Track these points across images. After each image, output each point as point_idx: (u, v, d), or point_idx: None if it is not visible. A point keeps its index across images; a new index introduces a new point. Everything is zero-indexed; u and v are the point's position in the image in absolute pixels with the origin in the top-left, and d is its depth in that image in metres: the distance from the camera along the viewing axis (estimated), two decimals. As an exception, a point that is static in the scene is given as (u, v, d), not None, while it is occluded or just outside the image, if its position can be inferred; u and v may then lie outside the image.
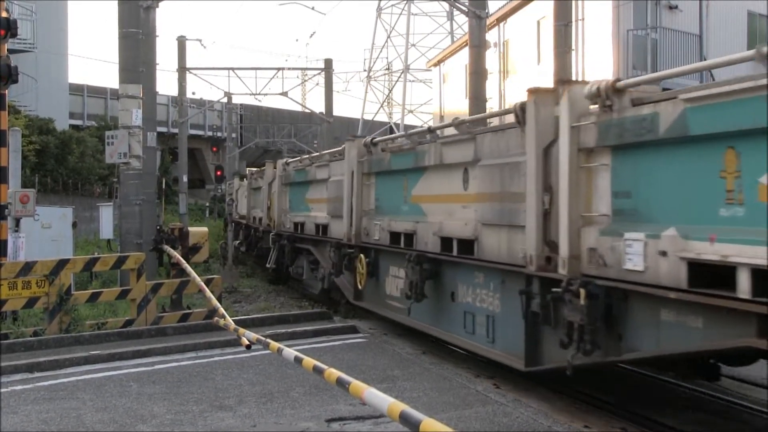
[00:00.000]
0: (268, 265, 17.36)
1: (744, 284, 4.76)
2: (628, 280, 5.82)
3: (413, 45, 50.04)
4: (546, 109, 6.98)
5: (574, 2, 18.96)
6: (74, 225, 16.94)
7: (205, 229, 15.64)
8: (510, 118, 7.64)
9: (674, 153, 5.50)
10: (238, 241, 24.72)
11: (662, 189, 5.65)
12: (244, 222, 24.21)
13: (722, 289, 4.94)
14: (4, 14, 10.70)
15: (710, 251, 5.03)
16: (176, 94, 30.15)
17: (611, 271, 6.02)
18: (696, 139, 5.26)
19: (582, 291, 6.11)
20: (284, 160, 17.32)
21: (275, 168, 18.03)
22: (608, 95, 6.13)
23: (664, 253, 5.43)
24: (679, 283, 5.28)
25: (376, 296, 11.39)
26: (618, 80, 6.14)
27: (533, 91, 7.10)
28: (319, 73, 32.69)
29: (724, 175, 5.02)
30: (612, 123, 6.11)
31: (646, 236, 5.62)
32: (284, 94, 30.55)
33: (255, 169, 23.77)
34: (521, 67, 27.07)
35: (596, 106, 6.35)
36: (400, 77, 49.75)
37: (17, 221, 12.40)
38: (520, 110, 7.29)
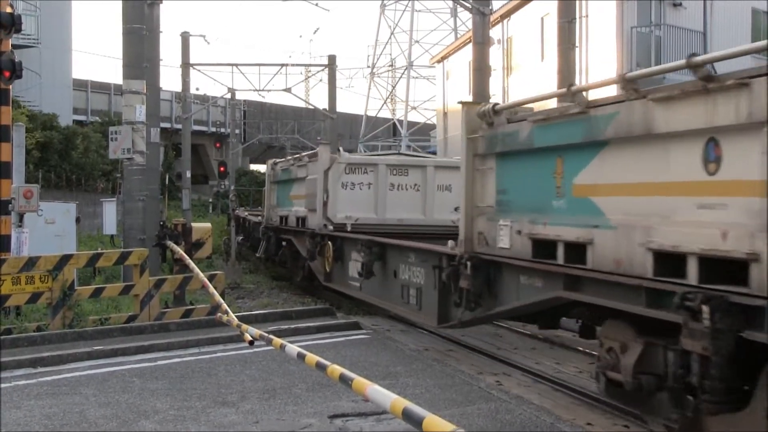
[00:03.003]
0: None
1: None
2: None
3: (417, 41, 50.04)
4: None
5: (578, -1, 18.87)
6: (78, 220, 16.97)
7: (209, 224, 15.61)
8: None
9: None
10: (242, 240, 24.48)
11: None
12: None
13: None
14: (9, 9, 10.70)
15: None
16: (180, 90, 29.96)
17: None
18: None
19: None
20: None
21: None
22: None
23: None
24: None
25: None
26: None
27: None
28: (323, 70, 32.49)
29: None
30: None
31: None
32: (288, 90, 30.38)
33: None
34: (525, 64, 27.02)
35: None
36: (403, 74, 49.81)
37: (21, 216, 12.42)
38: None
